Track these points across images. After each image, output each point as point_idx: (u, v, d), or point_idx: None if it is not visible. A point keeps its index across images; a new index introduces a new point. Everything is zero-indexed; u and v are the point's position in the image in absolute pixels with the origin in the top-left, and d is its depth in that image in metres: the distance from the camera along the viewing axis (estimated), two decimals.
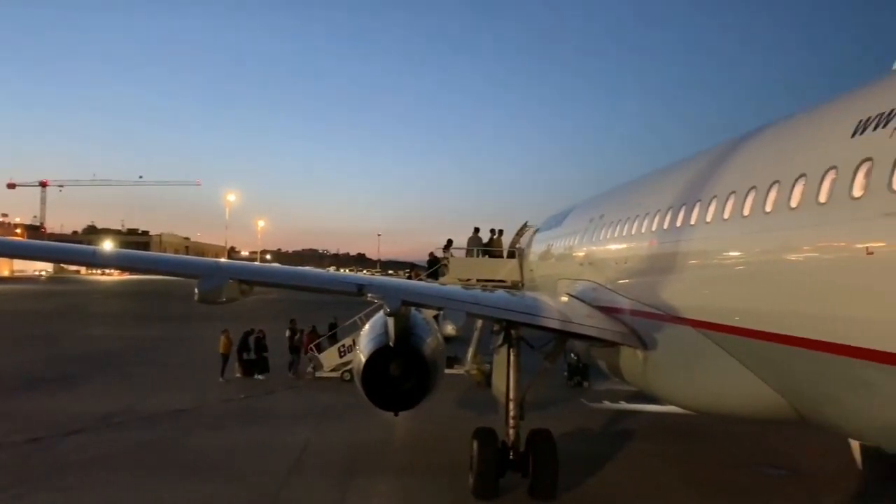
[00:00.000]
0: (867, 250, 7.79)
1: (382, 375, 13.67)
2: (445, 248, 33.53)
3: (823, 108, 10.80)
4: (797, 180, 9.51)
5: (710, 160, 13.90)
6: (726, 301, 11.39)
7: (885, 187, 7.64)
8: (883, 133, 8.09)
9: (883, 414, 8.40)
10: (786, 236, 9.69)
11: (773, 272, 9.99)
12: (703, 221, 12.34)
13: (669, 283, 13.39)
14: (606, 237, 18.64)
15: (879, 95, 8.91)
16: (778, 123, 12.37)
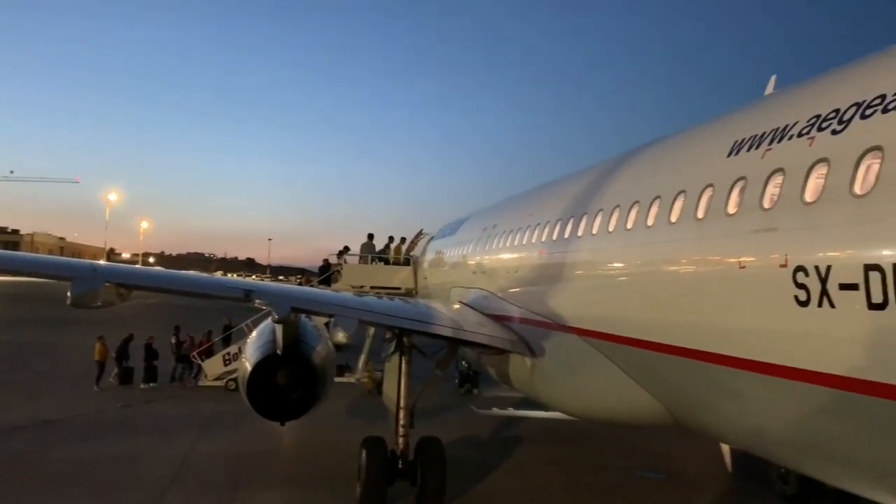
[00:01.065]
0: (739, 264, 8.26)
1: (269, 384, 13.30)
2: (340, 255, 33.12)
3: (704, 128, 11.44)
4: (677, 196, 9.99)
5: (598, 174, 14.42)
6: (609, 310, 11.84)
7: (757, 205, 8.13)
8: (756, 154, 8.61)
9: (749, 419, 8.91)
10: (665, 249, 10.16)
11: (653, 283, 10.45)
12: (590, 233, 12.78)
13: (557, 292, 13.78)
14: (498, 247, 18.96)
15: (753, 118, 9.51)
16: (662, 141, 12.99)
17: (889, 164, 6.45)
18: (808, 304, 7.01)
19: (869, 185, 6.63)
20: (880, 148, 6.61)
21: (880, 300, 6.18)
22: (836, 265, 6.71)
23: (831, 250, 6.90)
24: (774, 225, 7.77)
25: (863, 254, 6.49)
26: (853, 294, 6.46)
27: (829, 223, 7.04)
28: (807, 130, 7.82)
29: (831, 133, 7.40)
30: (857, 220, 6.69)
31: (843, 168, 6.95)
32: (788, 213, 7.61)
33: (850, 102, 7.35)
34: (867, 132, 6.90)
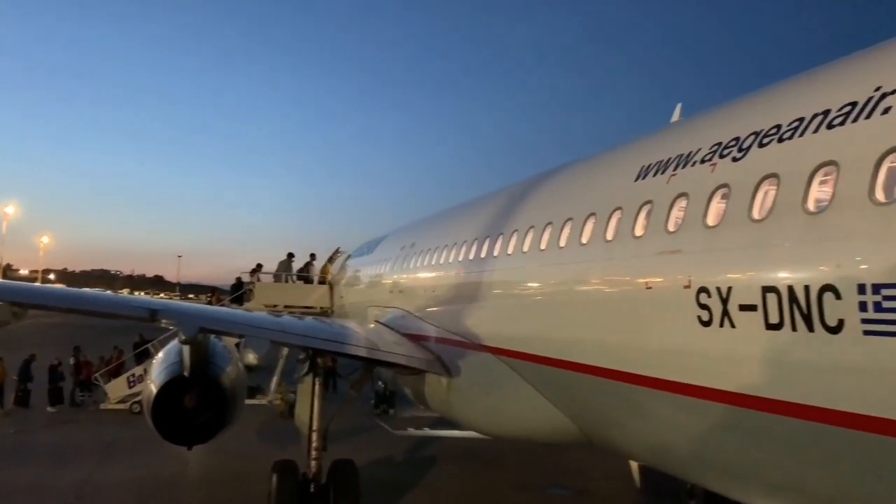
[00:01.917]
0: (646, 285, 8.51)
1: (175, 407, 12.76)
2: (253, 273, 32.34)
3: (614, 153, 11.81)
4: (588, 218, 10.24)
5: (514, 194, 14.65)
6: (523, 329, 11.98)
7: (662, 228, 8.41)
8: (661, 179, 8.93)
9: (655, 436, 9.15)
10: (577, 270, 10.38)
11: (565, 303, 10.65)
12: (506, 253, 12.93)
13: (473, 311, 13.85)
14: (417, 266, 18.94)
15: (659, 144, 9.87)
16: (575, 164, 13.33)
17: (784, 190, 6.79)
18: (710, 324, 7.28)
19: (766, 210, 6.96)
20: (776, 175, 6.95)
21: (777, 321, 6.47)
22: (736, 287, 6.99)
23: (732, 272, 7.20)
24: (678, 247, 8.06)
25: (761, 276, 6.79)
26: (752, 315, 6.74)
27: (730, 246, 7.34)
28: (709, 157, 8.16)
29: (732, 160, 7.75)
30: (756, 243, 7.00)
31: (743, 194, 7.28)
32: (691, 236, 7.90)
33: (749, 131, 7.72)
34: (764, 160, 7.26)
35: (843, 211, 6.09)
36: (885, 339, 5.49)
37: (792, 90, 8.14)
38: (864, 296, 5.64)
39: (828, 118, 6.68)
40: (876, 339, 5.55)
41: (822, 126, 6.70)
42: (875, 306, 5.56)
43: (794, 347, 6.31)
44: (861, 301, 5.65)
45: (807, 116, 6.97)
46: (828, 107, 6.76)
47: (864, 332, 5.64)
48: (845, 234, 6.06)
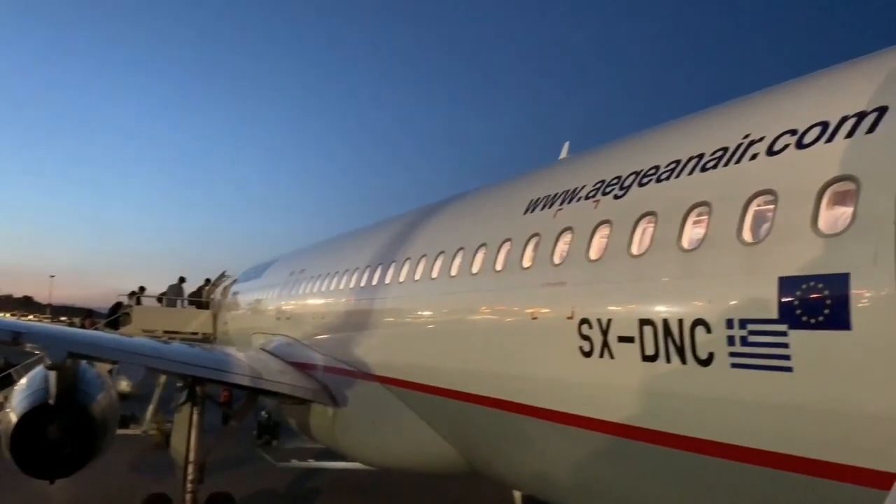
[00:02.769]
0: (532, 315, 8.68)
1: (37, 438, 11.82)
2: (132, 295, 30.73)
3: (505, 185, 12.08)
4: (479, 248, 10.37)
5: (407, 223, 14.68)
6: (411, 358, 11.94)
7: (548, 260, 8.63)
8: (549, 212, 9.18)
9: (538, 465, 9.28)
10: (466, 299, 10.46)
11: (453, 332, 10.71)
12: (397, 281, 12.88)
13: (362, 340, 13.69)
14: (305, 292, 18.56)
15: (548, 179, 10.18)
16: (467, 194, 13.53)
17: (661, 228, 7.12)
18: (590, 355, 7.49)
19: (644, 246, 7.27)
20: (654, 213, 7.28)
21: (652, 353, 6.73)
22: (616, 319, 7.24)
23: (612, 305, 7.46)
24: (563, 279, 8.28)
25: (638, 309, 7.07)
26: (629, 346, 6.98)
27: (611, 279, 7.61)
28: (593, 194, 8.47)
29: (613, 197, 8.07)
30: (634, 277, 7.29)
31: (623, 230, 7.58)
32: (575, 269, 8.15)
33: (630, 171, 8.08)
34: (643, 198, 7.60)
35: (714, 249, 6.44)
36: (749, 372, 5.81)
37: (670, 134, 8.61)
38: (732, 330, 5.96)
39: (702, 161, 7.09)
40: (742, 371, 5.87)
41: (697, 168, 7.10)
42: (742, 340, 5.88)
43: (668, 379, 6.58)
44: (729, 335, 5.97)
45: (683, 159, 7.37)
46: (702, 151, 7.18)
47: (732, 364, 5.95)
48: (716, 272, 6.41)
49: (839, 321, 5.17)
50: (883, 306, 4.86)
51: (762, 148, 6.43)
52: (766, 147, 6.39)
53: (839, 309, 5.18)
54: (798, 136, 6.15)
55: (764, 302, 5.71)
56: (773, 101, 7.33)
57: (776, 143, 6.33)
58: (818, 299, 5.33)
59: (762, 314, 5.73)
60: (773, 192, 6.05)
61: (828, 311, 5.26)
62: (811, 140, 6.00)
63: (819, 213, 5.61)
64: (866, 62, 6.46)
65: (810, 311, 5.38)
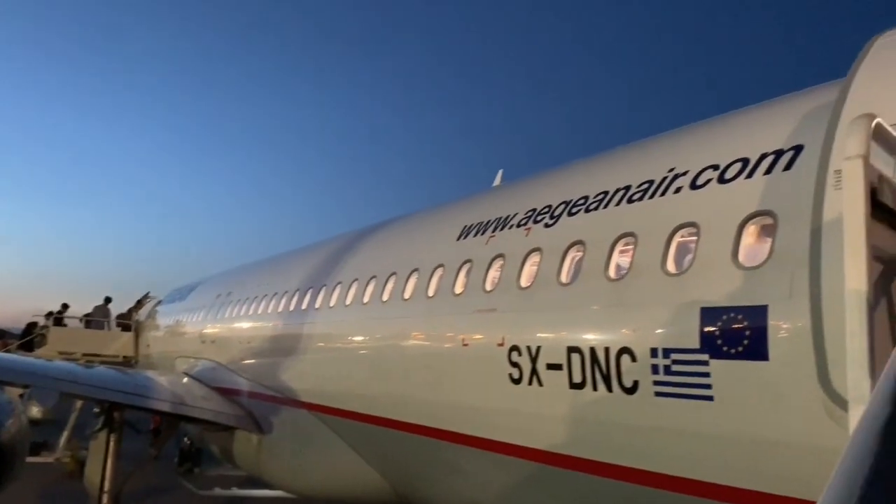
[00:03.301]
0: (463, 342, 8.66)
1: None
2: (49, 316, 29.31)
3: (439, 211, 12.10)
4: (411, 274, 10.32)
5: (340, 246, 14.51)
6: (341, 385, 11.74)
7: (480, 287, 8.65)
8: (481, 239, 9.23)
9: (468, 493, 9.21)
10: (398, 325, 10.37)
11: (384, 358, 10.58)
12: (327, 306, 12.68)
13: (290, 365, 13.40)
14: (232, 315, 18.08)
15: (481, 206, 10.24)
16: (402, 219, 13.49)
17: (589, 257, 7.24)
18: (520, 382, 7.50)
19: (572, 274, 7.37)
20: (582, 242, 7.40)
21: (580, 380, 6.79)
22: (545, 346, 7.29)
23: (541, 332, 7.51)
24: (494, 306, 8.31)
25: (566, 337, 7.13)
26: (557, 374, 7.03)
27: (540, 307, 7.67)
28: (524, 222, 8.56)
29: (544, 226, 8.17)
30: (563, 305, 7.37)
31: (553, 258, 7.67)
32: (506, 296, 8.18)
33: (560, 200, 8.20)
34: (573, 228, 7.72)
35: (640, 279, 6.57)
36: (672, 401, 5.92)
37: (599, 165, 8.81)
38: (656, 359, 6.07)
39: (629, 193, 7.26)
40: (665, 400, 5.98)
41: (624, 200, 7.26)
42: (665, 369, 6.00)
43: (595, 407, 6.65)
44: (653, 364, 6.08)
45: (611, 190, 7.53)
46: (629, 182, 7.35)
47: (656, 393, 6.06)
48: (641, 301, 6.54)
49: (757, 352, 5.34)
50: (798, 338, 5.04)
51: (686, 182, 6.63)
52: (690, 181, 6.59)
53: (757, 340, 5.35)
54: (720, 172, 6.36)
55: (686, 332, 5.84)
56: (697, 136, 7.59)
57: (699, 177, 6.54)
58: (738, 330, 5.50)
59: (685, 344, 5.86)
60: (696, 224, 6.23)
61: (747, 341, 5.42)
62: (732, 175, 6.22)
63: (739, 247, 5.80)
64: (785, 102, 6.76)
65: (730, 342, 5.53)
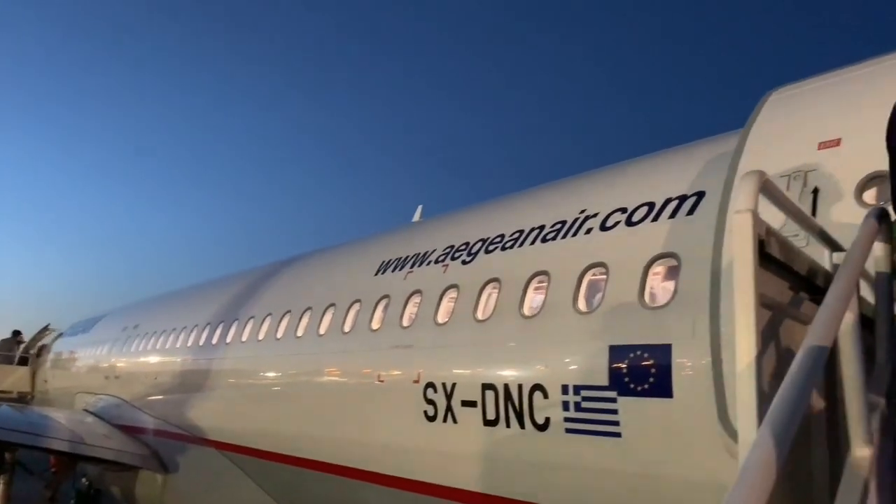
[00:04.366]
0: (379, 378, 8.59)
1: None
2: None
3: (357, 245, 12.05)
4: (327, 309, 10.20)
5: (253, 280, 14.20)
6: (252, 423, 11.40)
7: (397, 323, 8.63)
8: (399, 275, 9.23)
9: None
10: (313, 361, 10.20)
11: (299, 395, 10.37)
12: (239, 341, 12.35)
13: (198, 402, 12.94)
14: (138, 349, 17.35)
15: (400, 242, 10.26)
16: (319, 252, 13.35)
17: (504, 295, 7.35)
18: (435, 420, 7.49)
19: (489, 311, 7.46)
20: (498, 280, 7.52)
21: (493, 417, 6.84)
22: (460, 383, 7.32)
23: (457, 369, 7.54)
24: (411, 342, 8.30)
25: (481, 373, 7.19)
26: (472, 411, 7.06)
27: (456, 343, 7.72)
28: (442, 258, 8.63)
29: (461, 263, 8.26)
30: (478, 342, 7.44)
31: (469, 294, 7.75)
32: (423, 332, 8.20)
33: (478, 238, 8.32)
34: (489, 265, 7.83)
35: (552, 317, 6.72)
36: (582, 437, 6.04)
37: (515, 204, 9.00)
38: (567, 396, 6.19)
39: (543, 232, 7.44)
40: (575, 436, 6.09)
41: (538, 239, 7.43)
42: (576, 406, 6.12)
43: (507, 444, 6.70)
44: (564, 401, 6.19)
45: (526, 229, 7.70)
46: (543, 222, 7.54)
47: (567, 430, 6.17)
48: (553, 339, 6.67)
49: (662, 389, 5.52)
50: (699, 376, 5.25)
51: (596, 223, 6.86)
52: (600, 223, 6.82)
53: (662, 377, 5.54)
54: (628, 214, 6.62)
55: (596, 369, 5.99)
56: (608, 179, 7.89)
57: (608, 219, 6.78)
58: (644, 368, 5.68)
59: (594, 381, 6.01)
60: (605, 265, 6.44)
61: (652, 379, 5.60)
62: (639, 219, 6.48)
63: (645, 287, 6.02)
64: (689, 149, 7.12)
65: (637, 379, 5.70)
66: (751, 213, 2.35)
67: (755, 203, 2.38)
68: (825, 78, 5.76)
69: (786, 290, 2.89)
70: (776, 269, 2.69)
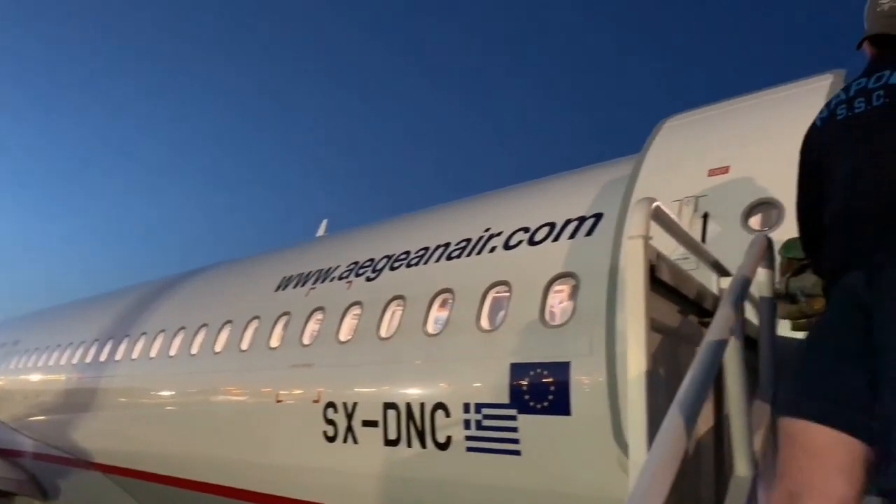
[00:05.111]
0: (277, 398, 8.34)
1: None
2: None
3: (258, 260, 11.71)
4: (224, 325, 9.84)
5: (148, 293, 13.57)
6: (142, 444, 10.87)
7: (297, 340, 8.42)
8: (301, 291, 9.02)
9: None
10: (207, 380, 9.82)
11: (193, 415, 9.96)
12: (129, 358, 11.74)
13: (84, 423, 12.21)
14: (18, 367, 16.22)
15: (303, 257, 10.03)
16: (218, 266, 12.90)
17: (408, 312, 7.30)
18: (335, 440, 7.33)
19: (392, 329, 7.38)
20: (403, 297, 7.46)
21: (395, 437, 6.75)
22: (361, 402, 7.19)
23: (358, 388, 7.42)
24: (311, 361, 8.11)
25: (383, 392, 7.10)
26: (373, 431, 6.95)
27: (358, 362, 7.59)
28: (346, 274, 8.49)
29: (366, 279, 8.15)
30: (381, 360, 7.34)
31: (373, 312, 7.65)
32: (324, 351, 8.03)
33: (383, 254, 8.25)
34: (394, 282, 7.77)
35: (455, 335, 6.71)
36: (483, 456, 6.04)
37: (422, 221, 8.99)
38: (469, 415, 6.18)
39: (448, 250, 7.45)
40: (476, 455, 6.09)
41: (443, 257, 7.44)
42: (477, 425, 6.12)
43: (408, 464, 6.63)
44: (466, 419, 6.19)
45: (431, 246, 7.69)
46: (448, 240, 7.56)
47: (468, 448, 6.15)
48: (456, 357, 6.66)
49: (560, 407, 5.60)
50: (596, 394, 5.35)
51: (500, 242, 6.93)
52: (504, 241, 6.89)
53: (561, 395, 5.62)
54: (530, 234, 6.72)
55: (497, 387, 6.02)
56: (512, 198, 7.99)
57: (512, 238, 6.86)
58: (544, 385, 5.75)
59: (496, 399, 6.03)
60: (508, 283, 6.51)
61: (552, 397, 5.67)
62: (541, 238, 6.59)
63: (546, 306, 6.11)
64: (590, 171, 7.32)
65: (537, 397, 5.76)
66: (642, 240, 2.41)
67: (646, 229, 2.44)
68: (718, 107, 6.06)
69: (676, 313, 2.97)
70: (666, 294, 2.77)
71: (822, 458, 1.41)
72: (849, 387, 1.49)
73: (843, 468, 1.39)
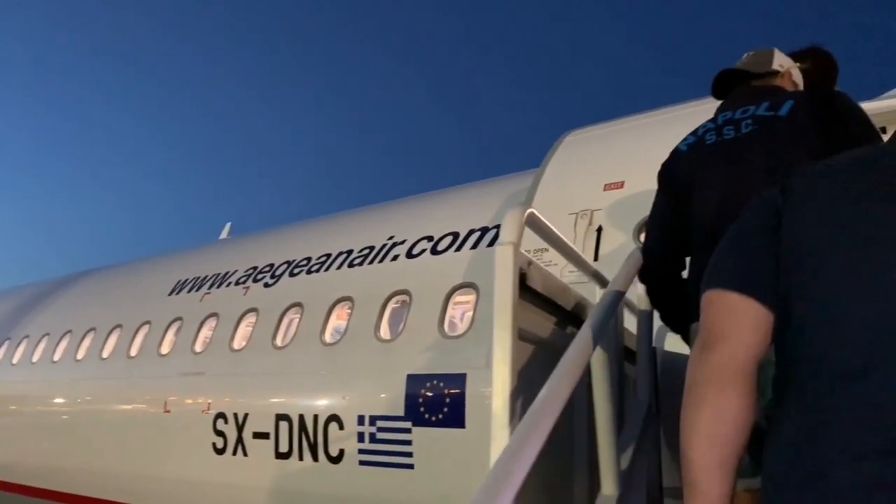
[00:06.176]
0: (165, 408, 7.93)
1: None
2: None
3: (154, 261, 11.22)
4: (113, 330, 9.33)
5: (32, 295, 12.75)
6: (18, 456, 10.16)
7: (189, 348, 8.03)
8: (196, 296, 8.64)
9: None
10: (93, 388, 9.30)
11: (74, 426, 9.40)
12: (9, 363, 10.99)
13: None
14: None
15: (201, 260, 9.64)
16: (109, 268, 12.27)
17: (306, 320, 7.07)
18: (224, 452, 7.00)
19: (288, 338, 7.13)
20: (301, 305, 7.22)
21: (286, 449, 6.50)
22: (253, 413, 6.90)
23: (250, 398, 7.12)
24: (202, 369, 7.76)
25: (276, 403, 6.83)
26: (264, 442, 6.68)
27: (252, 372, 7.30)
28: (244, 279, 8.18)
29: (264, 286, 7.87)
30: (276, 370, 7.08)
31: (270, 320, 7.37)
32: (216, 359, 7.69)
33: (284, 259, 7.99)
34: (293, 289, 7.51)
35: (353, 345, 6.53)
36: (376, 470, 5.87)
37: (326, 227, 8.77)
38: (363, 427, 6.00)
39: (350, 257, 7.27)
40: (369, 469, 5.91)
41: (345, 264, 7.25)
42: (371, 437, 5.95)
43: (299, 477, 6.39)
44: (360, 432, 6.01)
45: (333, 253, 7.49)
46: (351, 247, 7.37)
47: (360, 462, 5.97)
48: (353, 367, 6.49)
49: (455, 419, 5.49)
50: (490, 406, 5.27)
51: (403, 250, 6.80)
52: (406, 250, 6.77)
53: (456, 407, 5.51)
54: (433, 243, 6.62)
55: (393, 399, 5.87)
56: (418, 207, 7.89)
57: (415, 247, 6.74)
58: (439, 398, 5.63)
59: (391, 411, 5.88)
60: (409, 292, 6.38)
61: (447, 409, 5.56)
62: (443, 248, 6.50)
63: (445, 316, 6.01)
64: (496, 183, 7.30)
65: (432, 409, 5.64)
66: (512, 246, 2.33)
67: (517, 236, 2.36)
68: (618, 123, 6.14)
69: (552, 325, 2.91)
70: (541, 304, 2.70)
71: (737, 314, 1.51)
72: (761, 268, 1.58)
73: (756, 326, 1.50)
